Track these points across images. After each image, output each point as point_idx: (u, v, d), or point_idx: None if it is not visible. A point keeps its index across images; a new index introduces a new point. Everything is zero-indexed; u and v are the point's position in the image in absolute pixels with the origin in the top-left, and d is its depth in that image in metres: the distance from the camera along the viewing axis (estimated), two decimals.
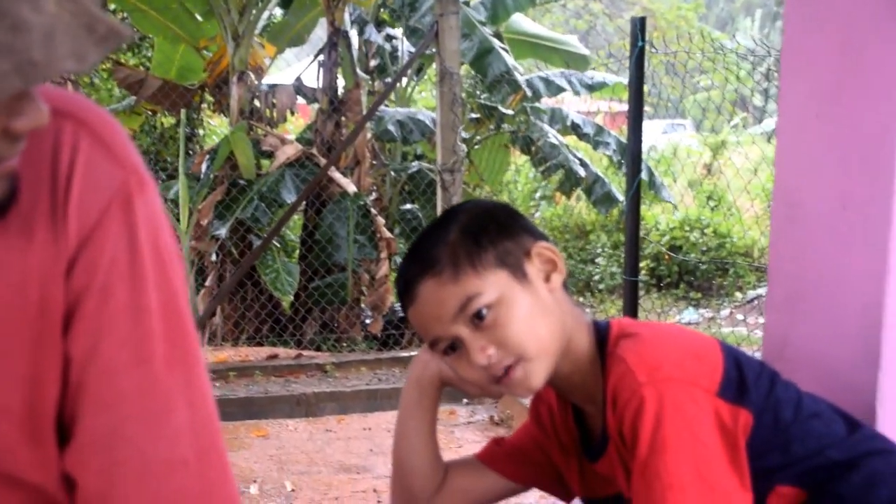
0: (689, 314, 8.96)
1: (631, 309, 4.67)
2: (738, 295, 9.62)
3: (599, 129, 8.86)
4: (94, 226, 0.87)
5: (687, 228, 10.28)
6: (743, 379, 1.27)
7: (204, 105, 9.34)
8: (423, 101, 11.30)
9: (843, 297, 1.52)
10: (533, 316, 1.31)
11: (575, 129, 8.84)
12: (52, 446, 0.90)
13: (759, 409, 1.26)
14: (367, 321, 7.63)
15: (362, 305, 7.60)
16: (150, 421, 0.89)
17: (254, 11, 7.61)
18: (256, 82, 7.92)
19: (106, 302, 0.88)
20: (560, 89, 8.85)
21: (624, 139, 8.49)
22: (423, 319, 1.34)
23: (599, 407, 1.34)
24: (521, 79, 7.20)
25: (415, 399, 1.51)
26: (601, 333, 1.37)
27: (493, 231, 1.33)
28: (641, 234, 5.21)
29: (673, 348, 1.28)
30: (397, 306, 8.42)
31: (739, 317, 8.01)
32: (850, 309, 1.50)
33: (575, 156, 8.48)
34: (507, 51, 7.12)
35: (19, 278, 0.86)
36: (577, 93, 9.10)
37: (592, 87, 9.16)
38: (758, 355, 1.56)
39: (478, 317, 1.29)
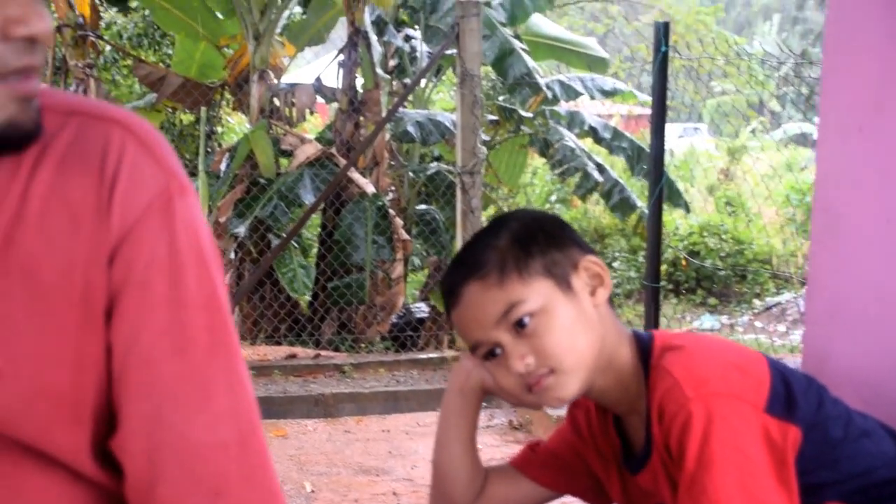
0: (708, 320, 8.93)
1: (652, 315, 4.66)
2: (757, 302, 9.59)
3: (616, 134, 8.84)
4: (134, 222, 0.92)
5: (705, 234, 10.25)
6: (791, 394, 1.27)
7: (223, 103, 9.37)
8: (441, 102, 11.29)
9: (886, 312, 1.51)
10: (574, 328, 1.31)
11: (592, 132, 8.83)
12: (88, 429, 0.94)
13: (808, 425, 1.25)
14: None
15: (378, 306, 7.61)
16: (191, 406, 0.92)
17: (274, 11, 7.62)
18: (276, 81, 7.93)
19: (145, 294, 0.92)
20: (577, 94, 8.85)
21: (639, 142, 8.49)
22: (466, 322, 1.34)
23: (643, 419, 1.34)
24: (541, 81, 7.19)
25: (457, 407, 1.51)
26: (644, 346, 1.36)
27: (542, 240, 1.33)
28: None
29: (719, 362, 1.28)
30: (414, 307, 8.42)
31: (758, 324, 7.99)
32: (894, 323, 1.49)
33: (593, 160, 8.47)
34: (527, 52, 7.10)
35: (66, 262, 0.90)
36: (593, 97, 9.10)
37: (608, 93, 9.16)
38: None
39: (520, 324, 1.30)
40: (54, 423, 0.93)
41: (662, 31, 4.64)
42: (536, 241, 1.33)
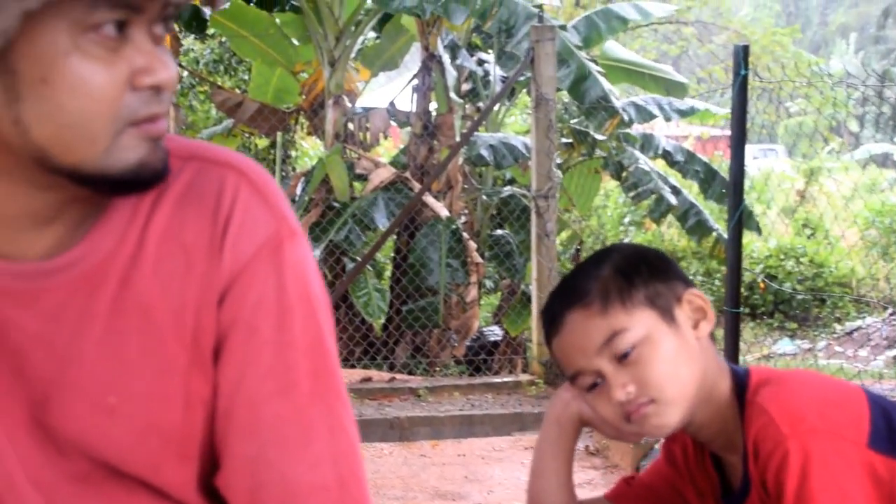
0: (786, 345, 8.78)
1: (732, 342, 4.59)
2: (837, 326, 9.40)
3: (690, 157, 8.74)
4: (245, 264, 0.94)
5: (782, 257, 10.09)
6: (894, 428, 1.24)
7: (298, 127, 9.49)
8: (513, 125, 11.30)
9: None
10: (677, 359, 1.30)
11: (666, 156, 8.75)
12: (195, 465, 0.97)
13: None
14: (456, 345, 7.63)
15: (452, 330, 7.61)
16: (292, 447, 0.95)
17: (349, 37, 7.71)
18: (350, 105, 8.01)
19: (251, 336, 0.95)
20: (651, 115, 8.77)
21: (713, 165, 8.40)
22: (567, 350, 1.34)
23: (740, 455, 1.33)
24: (617, 104, 7.15)
25: (553, 438, 1.50)
26: (739, 380, 1.35)
27: (645, 272, 1.33)
28: None
29: (815, 398, 1.26)
30: (487, 330, 8.40)
31: (839, 349, 7.82)
32: None
33: (668, 183, 8.39)
34: (603, 75, 7.08)
35: (179, 302, 0.94)
36: (668, 119, 9.02)
37: (684, 113, 9.07)
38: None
39: (622, 353, 1.30)
40: (164, 460, 0.96)
41: (742, 55, 4.58)
42: (639, 272, 1.33)
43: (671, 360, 1.29)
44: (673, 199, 8.17)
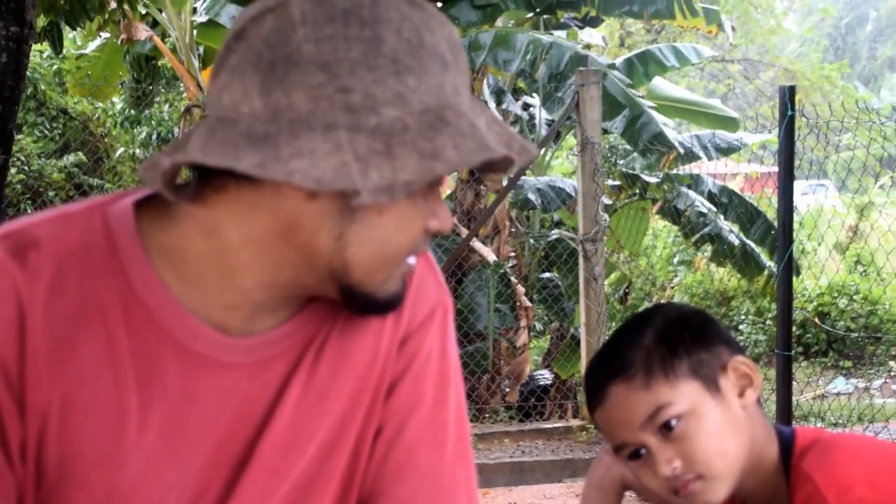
0: (840, 384, 8.63)
1: (785, 384, 4.53)
2: (893, 364, 9.23)
3: (733, 197, 8.60)
4: (420, 323, 1.07)
5: (835, 294, 9.93)
6: None
7: None
8: (560, 167, 11.30)
9: None
10: (722, 432, 1.28)
11: (711, 198, 8.64)
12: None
13: None
14: (507, 390, 7.58)
15: (502, 375, 7.56)
16: (441, 498, 1.04)
17: None
18: None
19: (417, 386, 1.06)
20: (695, 157, 8.70)
21: (758, 206, 8.30)
22: (610, 423, 1.32)
23: None
24: (674, 136, 7.09)
25: (596, 503, 1.49)
26: (785, 444, 1.33)
27: (689, 339, 1.31)
28: None
29: (864, 466, 1.24)
30: (537, 374, 8.34)
31: (895, 387, 7.68)
32: None
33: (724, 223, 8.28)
34: (655, 109, 7.04)
35: (372, 355, 1.04)
36: (710, 158, 8.93)
37: (726, 151, 8.98)
38: None
39: (666, 427, 1.27)
40: (327, 501, 1.02)
41: (788, 95, 4.56)
42: (683, 340, 1.30)
43: (717, 434, 1.27)
44: (735, 240, 8.05)
